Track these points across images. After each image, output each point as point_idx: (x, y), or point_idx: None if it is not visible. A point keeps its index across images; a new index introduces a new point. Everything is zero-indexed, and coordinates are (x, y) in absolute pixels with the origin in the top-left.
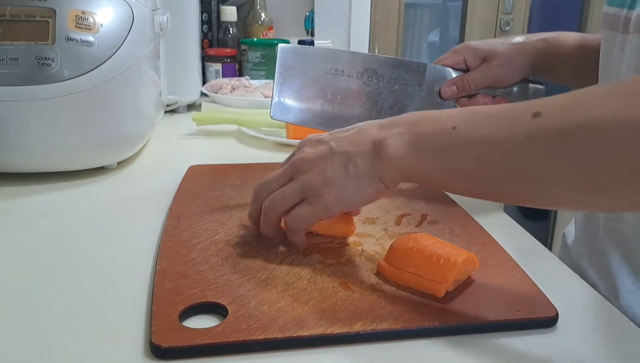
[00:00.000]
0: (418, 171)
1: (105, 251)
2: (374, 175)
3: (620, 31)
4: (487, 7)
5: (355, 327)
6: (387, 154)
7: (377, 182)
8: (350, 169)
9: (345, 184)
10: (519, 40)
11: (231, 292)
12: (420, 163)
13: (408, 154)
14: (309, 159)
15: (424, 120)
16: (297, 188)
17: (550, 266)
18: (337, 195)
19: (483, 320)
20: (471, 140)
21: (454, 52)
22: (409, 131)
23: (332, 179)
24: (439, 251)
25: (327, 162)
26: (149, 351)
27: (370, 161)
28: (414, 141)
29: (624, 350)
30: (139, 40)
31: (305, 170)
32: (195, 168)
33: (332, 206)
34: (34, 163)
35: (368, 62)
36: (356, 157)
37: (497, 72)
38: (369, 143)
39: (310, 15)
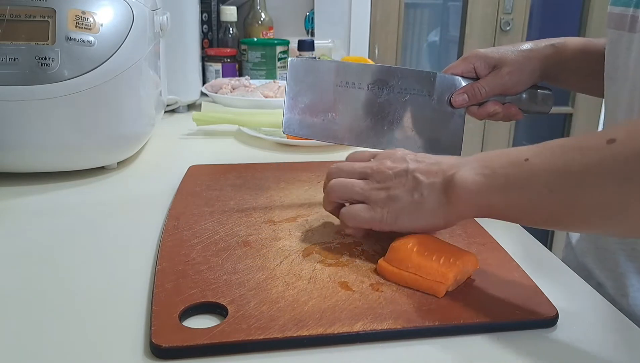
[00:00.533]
0: (489, 205)
1: (105, 251)
2: (437, 210)
3: (627, 30)
4: (487, 6)
5: (355, 327)
6: (456, 188)
7: (438, 217)
8: (416, 197)
9: (405, 209)
10: (528, 46)
11: (231, 292)
12: (490, 196)
13: (476, 189)
14: (385, 173)
15: (497, 155)
16: (365, 190)
17: (550, 266)
18: (394, 215)
19: (483, 320)
20: (543, 170)
21: (463, 60)
22: (480, 165)
23: (397, 199)
24: (439, 251)
25: (399, 181)
26: (149, 351)
27: (438, 195)
28: (483, 174)
29: (624, 350)
30: (139, 40)
31: (379, 180)
32: (195, 167)
33: (386, 223)
34: (34, 163)
35: (378, 73)
36: (424, 187)
37: (508, 80)
38: (439, 176)
39: (310, 15)
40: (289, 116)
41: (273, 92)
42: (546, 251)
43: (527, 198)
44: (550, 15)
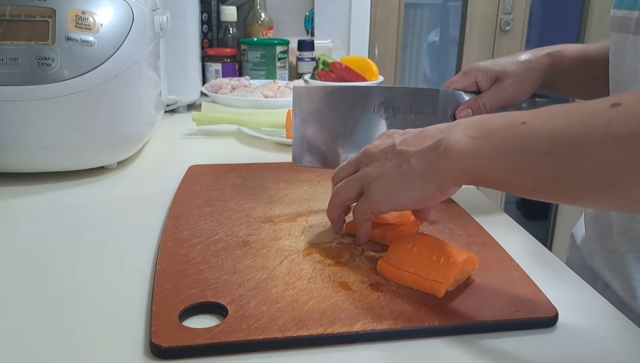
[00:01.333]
0: (479, 169)
1: (105, 251)
2: (428, 176)
3: (632, 32)
4: (487, 7)
5: (355, 326)
6: (448, 150)
7: (429, 183)
8: (403, 168)
9: (394, 183)
10: (526, 57)
11: (231, 292)
12: (482, 159)
13: (470, 150)
14: (372, 153)
15: (492, 117)
16: (357, 179)
17: (550, 266)
18: (384, 192)
19: (483, 320)
20: (542, 133)
21: (464, 74)
22: (474, 127)
23: (384, 175)
24: (439, 251)
25: (385, 157)
26: (149, 351)
27: (427, 160)
28: (478, 136)
29: (624, 350)
30: (139, 40)
31: (366, 162)
32: (195, 167)
33: (378, 203)
34: (34, 163)
35: (383, 94)
36: (412, 156)
37: (511, 92)
38: (427, 142)
39: (310, 15)
40: (298, 148)
41: (273, 92)
42: (546, 251)
43: (522, 161)
44: (550, 15)
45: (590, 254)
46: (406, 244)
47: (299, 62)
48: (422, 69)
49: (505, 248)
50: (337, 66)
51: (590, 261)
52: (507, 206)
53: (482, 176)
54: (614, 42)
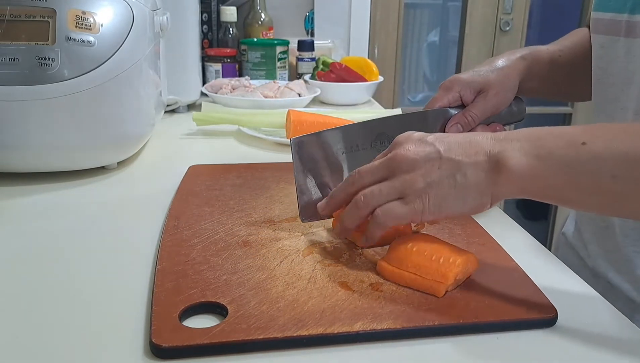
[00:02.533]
0: (540, 187)
1: (105, 251)
2: (485, 189)
3: (624, 35)
4: (486, 7)
5: (355, 326)
6: (508, 168)
7: (485, 196)
8: (458, 179)
9: (449, 193)
10: (503, 63)
11: (231, 292)
12: (546, 178)
13: (533, 169)
14: (411, 158)
15: (547, 135)
16: (396, 187)
17: (549, 266)
18: (437, 202)
19: (482, 319)
20: (606, 156)
21: (446, 90)
22: (532, 145)
23: (436, 184)
24: (439, 251)
25: (432, 165)
26: (149, 351)
27: (484, 174)
28: (539, 155)
29: (623, 350)
30: (139, 41)
31: (406, 169)
32: (195, 167)
33: (429, 212)
34: (34, 163)
35: (377, 127)
36: (466, 167)
37: (495, 102)
38: (482, 155)
39: (310, 15)
40: (304, 203)
41: (273, 93)
42: (546, 251)
43: (588, 183)
44: (550, 15)
45: (591, 256)
46: (406, 244)
47: (299, 62)
48: (422, 69)
49: (505, 248)
50: (337, 66)
51: (592, 263)
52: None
53: (544, 193)
54: (599, 44)
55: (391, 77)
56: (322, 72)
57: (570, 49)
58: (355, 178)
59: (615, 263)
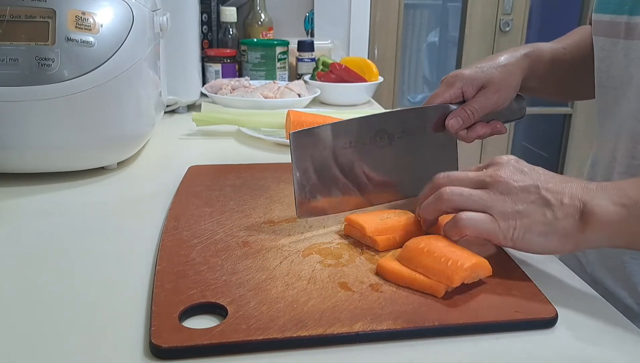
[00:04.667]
0: (626, 235)
1: (105, 251)
2: (571, 234)
3: (623, 37)
4: (486, 7)
5: (355, 327)
6: (595, 217)
7: (569, 242)
8: (548, 216)
9: (535, 227)
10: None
11: (231, 292)
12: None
13: (618, 218)
14: (509, 184)
15: (631, 184)
16: (487, 201)
17: (549, 266)
18: (521, 233)
19: (482, 320)
20: None
21: (448, 85)
22: (617, 194)
23: (526, 214)
24: (449, 253)
25: (526, 197)
26: (149, 351)
27: (573, 221)
28: (625, 205)
29: (624, 351)
30: (139, 41)
31: (501, 191)
32: (195, 168)
33: (512, 238)
34: (34, 163)
35: (376, 123)
36: (558, 209)
37: (496, 98)
38: (574, 200)
39: (310, 15)
40: (301, 199)
41: (273, 93)
42: None
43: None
44: (550, 15)
45: (590, 263)
46: (418, 244)
47: (299, 62)
48: (422, 69)
49: (505, 248)
50: (337, 67)
51: (591, 270)
52: None
53: (627, 242)
54: (600, 47)
55: (391, 77)
56: (322, 72)
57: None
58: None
59: (613, 271)
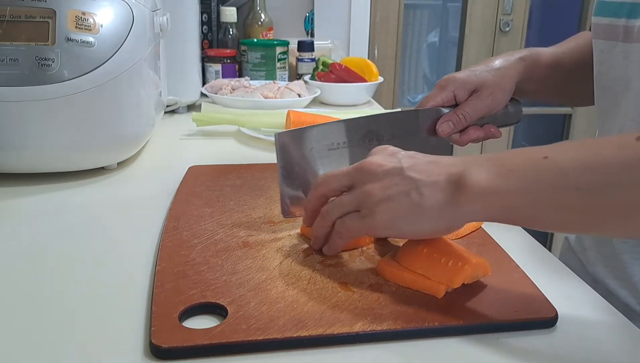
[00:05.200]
0: (503, 207)
1: (105, 251)
2: (443, 212)
3: (621, 40)
4: (486, 7)
5: (355, 327)
6: (467, 187)
7: (442, 220)
8: (414, 197)
9: (403, 211)
10: (501, 64)
11: (231, 292)
12: (507, 196)
13: (493, 187)
14: (373, 171)
15: (508, 154)
16: (353, 199)
17: (549, 266)
18: (389, 218)
19: (482, 320)
20: (569, 168)
21: (441, 88)
22: (493, 163)
23: (390, 200)
24: (449, 254)
25: (392, 180)
26: (149, 351)
27: (444, 195)
28: (500, 173)
29: (624, 351)
30: (139, 41)
31: (366, 181)
32: (195, 168)
33: (379, 227)
34: (34, 163)
35: (366, 125)
36: (424, 186)
37: (489, 102)
38: (442, 175)
39: (310, 16)
40: (286, 200)
41: (273, 93)
42: (546, 252)
43: (550, 198)
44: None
45: (591, 263)
46: (417, 245)
47: (299, 62)
48: (422, 69)
49: (505, 248)
50: (337, 67)
51: (592, 269)
52: None
53: (506, 213)
54: (599, 50)
55: (391, 77)
56: (322, 72)
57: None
58: (321, 180)
59: (613, 270)
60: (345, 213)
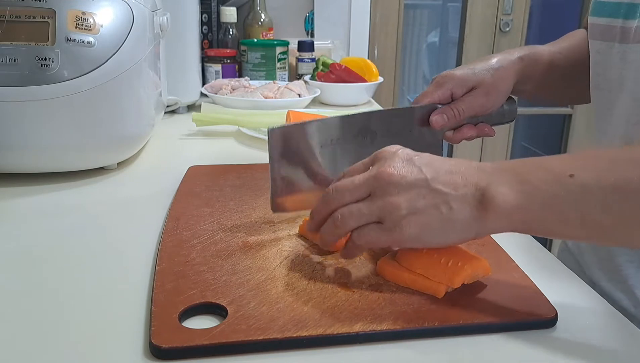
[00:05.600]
0: (526, 222)
1: (105, 251)
2: (470, 224)
3: (618, 41)
4: (486, 8)
5: (355, 327)
6: (495, 205)
7: (469, 232)
8: (444, 211)
9: (432, 224)
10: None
11: (231, 293)
12: (534, 214)
13: (518, 206)
14: (396, 182)
15: (534, 169)
16: (375, 211)
17: (549, 267)
18: (418, 231)
19: (482, 320)
20: (594, 189)
21: (438, 85)
22: (519, 180)
23: (419, 213)
24: (448, 254)
25: (418, 193)
26: (149, 351)
27: (470, 208)
28: (525, 191)
29: (623, 351)
30: (139, 41)
31: (390, 192)
32: (195, 168)
33: (408, 240)
34: (34, 163)
35: (359, 121)
36: (453, 200)
37: (485, 101)
38: (469, 188)
39: (310, 16)
40: (276, 195)
41: (273, 93)
42: (545, 252)
43: (577, 216)
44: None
45: (587, 265)
46: None
47: (299, 63)
48: (422, 69)
49: (505, 248)
50: (337, 67)
51: (588, 271)
52: None
53: (532, 228)
54: (596, 50)
55: (391, 78)
56: (322, 72)
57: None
58: (332, 195)
59: (609, 272)
60: (364, 224)
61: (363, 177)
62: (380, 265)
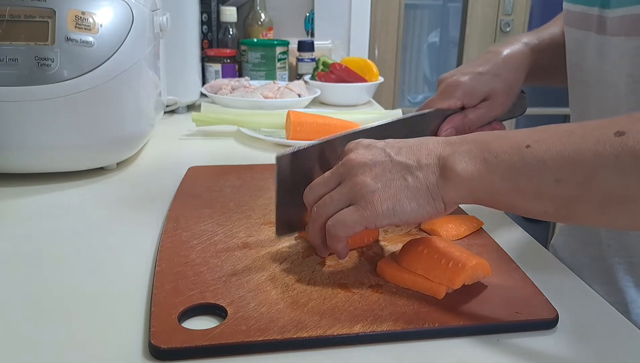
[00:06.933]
0: (488, 192)
1: (105, 252)
2: (436, 192)
3: (595, 31)
4: (487, 8)
5: (355, 328)
6: (455, 173)
7: (438, 200)
8: (410, 180)
9: (402, 195)
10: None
11: (230, 293)
12: (491, 183)
13: (478, 174)
14: (362, 162)
15: (494, 138)
16: (345, 192)
17: (550, 267)
18: (390, 205)
19: (483, 321)
20: (549, 159)
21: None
22: (479, 148)
23: (387, 186)
24: (449, 255)
25: (383, 168)
26: (148, 352)
27: (434, 177)
28: (484, 159)
29: (624, 352)
30: (139, 41)
31: (356, 173)
32: (195, 168)
33: (383, 216)
34: (34, 163)
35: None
36: (417, 170)
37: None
38: (432, 158)
39: (310, 15)
40: (282, 219)
41: (272, 93)
42: (546, 253)
43: (532, 187)
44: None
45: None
46: (417, 246)
47: (299, 62)
48: (422, 70)
49: (505, 249)
50: (337, 67)
51: (579, 274)
52: None
53: (490, 199)
54: (572, 38)
55: (391, 78)
56: (322, 72)
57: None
58: (308, 194)
59: (599, 274)
60: (338, 210)
61: (332, 170)
62: (380, 266)
